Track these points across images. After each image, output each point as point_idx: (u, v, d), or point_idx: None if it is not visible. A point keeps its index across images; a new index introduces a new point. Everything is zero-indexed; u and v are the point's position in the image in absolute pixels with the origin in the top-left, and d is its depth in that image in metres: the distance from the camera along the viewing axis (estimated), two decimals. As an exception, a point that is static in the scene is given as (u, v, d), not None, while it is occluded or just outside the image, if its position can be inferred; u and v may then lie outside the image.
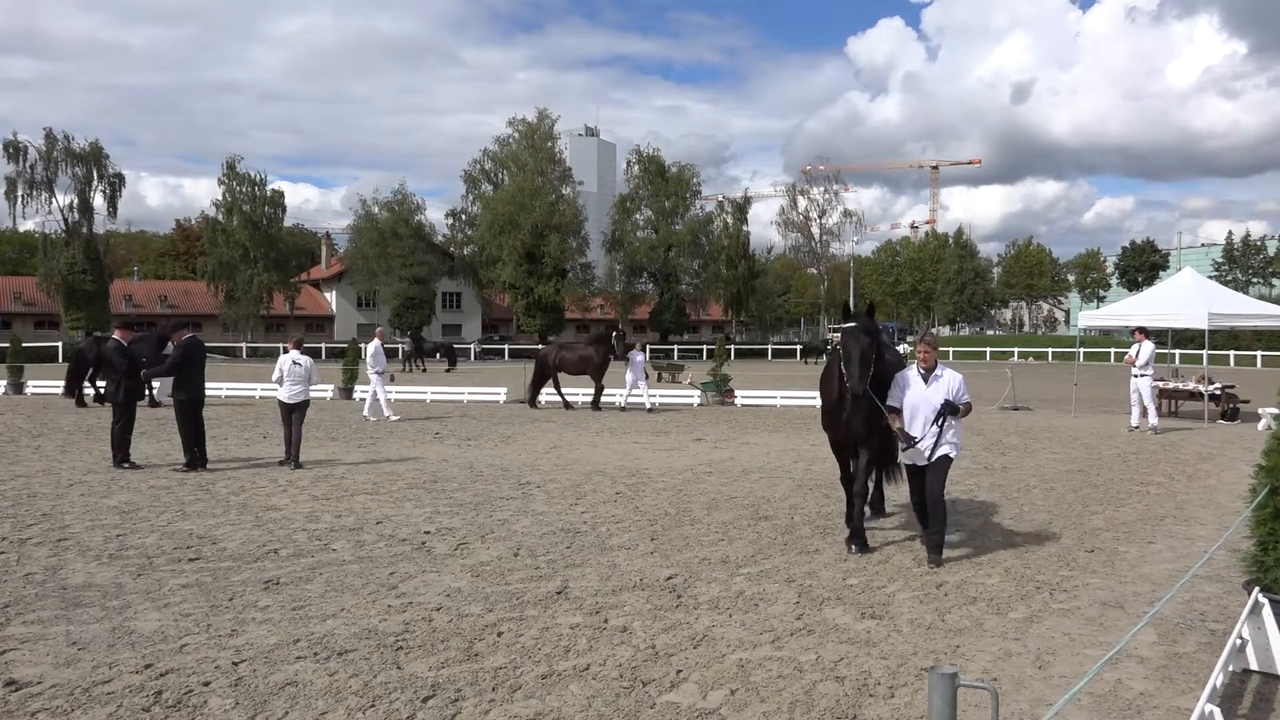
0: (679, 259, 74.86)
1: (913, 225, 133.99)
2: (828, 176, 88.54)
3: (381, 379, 19.98)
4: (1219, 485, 11.48)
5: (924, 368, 7.47)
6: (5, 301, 73.35)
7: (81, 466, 12.56)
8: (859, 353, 7.41)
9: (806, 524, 9.04)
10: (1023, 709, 4.58)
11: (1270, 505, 5.21)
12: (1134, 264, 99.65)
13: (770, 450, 14.88)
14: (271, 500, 10.16)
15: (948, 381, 7.41)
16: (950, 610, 6.23)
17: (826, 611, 6.20)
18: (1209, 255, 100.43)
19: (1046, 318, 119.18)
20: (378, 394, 19.82)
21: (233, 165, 68.41)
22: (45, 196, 62.18)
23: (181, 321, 15.44)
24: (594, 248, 76.21)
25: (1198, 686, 4.68)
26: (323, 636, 5.57)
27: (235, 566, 7.25)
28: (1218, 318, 19.94)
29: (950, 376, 7.45)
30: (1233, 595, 6.40)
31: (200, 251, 77.17)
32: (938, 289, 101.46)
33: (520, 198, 68.90)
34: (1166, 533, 8.77)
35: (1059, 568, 7.39)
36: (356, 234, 73.56)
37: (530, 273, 70.18)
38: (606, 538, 8.35)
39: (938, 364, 7.50)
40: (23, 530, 8.50)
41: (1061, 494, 10.82)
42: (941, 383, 7.41)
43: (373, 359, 20.24)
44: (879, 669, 5.12)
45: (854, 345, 7.44)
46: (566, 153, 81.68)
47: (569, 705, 4.59)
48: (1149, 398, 17.67)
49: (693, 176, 76.25)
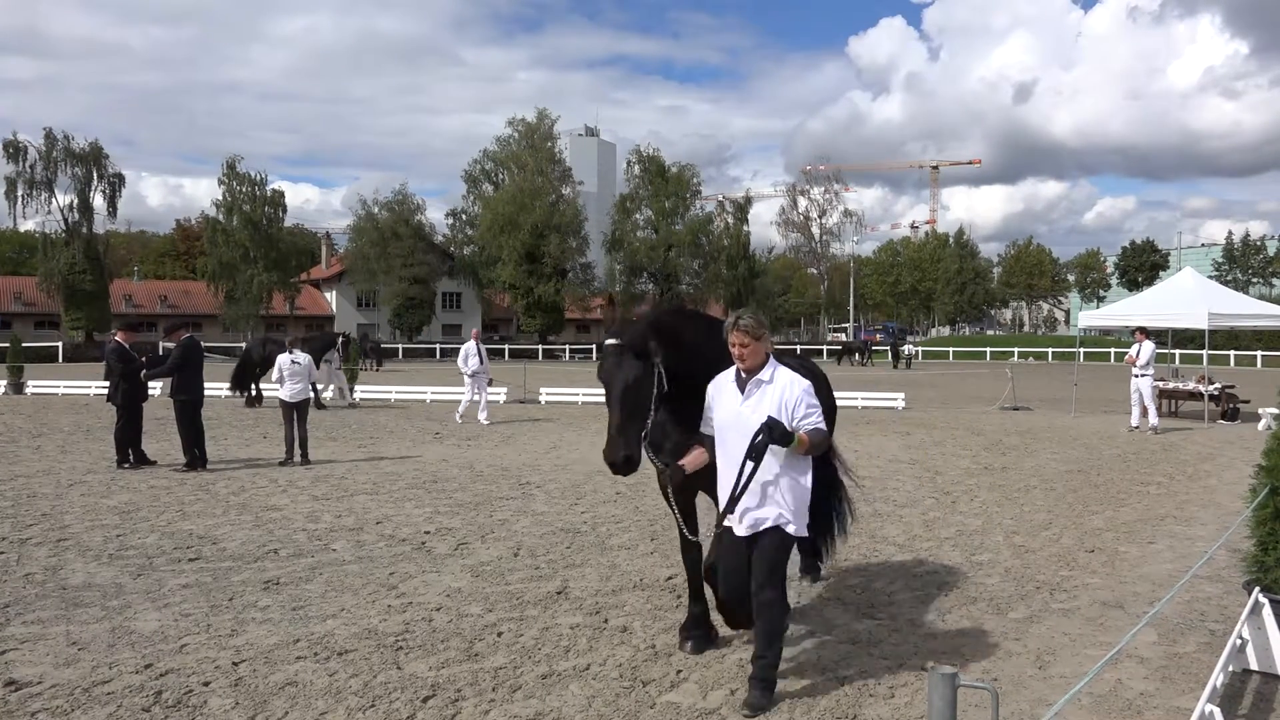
0: (679, 259, 74.87)
1: (913, 225, 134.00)
2: (828, 176, 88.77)
3: (476, 381, 18.87)
4: (1219, 485, 11.48)
5: (743, 369, 4.62)
6: (5, 301, 73.37)
7: (81, 466, 12.56)
8: (620, 390, 4.59)
9: (806, 524, 9.02)
10: (1023, 709, 4.58)
11: (1270, 505, 5.21)
12: (1134, 264, 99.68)
13: (770, 450, 14.86)
14: (271, 500, 10.16)
15: (780, 391, 4.52)
16: (950, 610, 6.23)
17: (826, 611, 6.19)
18: (1209, 255, 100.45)
19: (1046, 318, 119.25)
20: (474, 397, 18.90)
21: (233, 165, 68.46)
22: (45, 196, 62.18)
23: (181, 322, 15.45)
24: (594, 248, 76.22)
25: (1198, 687, 4.67)
26: (323, 636, 5.57)
27: (235, 566, 7.25)
28: (1218, 318, 19.95)
29: (786, 384, 4.56)
30: (1233, 595, 6.40)
31: (200, 251, 77.21)
32: (938, 289, 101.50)
33: (520, 198, 68.96)
34: (1167, 533, 8.77)
35: (1059, 568, 7.39)
36: (356, 234, 73.64)
37: (530, 273, 70.20)
38: (606, 538, 8.35)
39: (768, 363, 4.62)
40: (23, 530, 8.50)
41: (1061, 494, 10.82)
42: (768, 393, 4.53)
43: (464, 362, 19.08)
44: (879, 669, 5.12)
45: (613, 375, 4.64)
46: (566, 153, 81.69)
47: (569, 705, 4.59)
48: (1149, 398, 17.67)
49: (693, 176, 76.33)
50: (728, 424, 4.57)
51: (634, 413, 4.59)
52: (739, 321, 4.55)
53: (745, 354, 4.56)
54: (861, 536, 8.45)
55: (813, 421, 4.51)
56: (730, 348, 4.58)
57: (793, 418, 4.46)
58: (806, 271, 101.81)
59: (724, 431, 4.59)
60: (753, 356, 4.56)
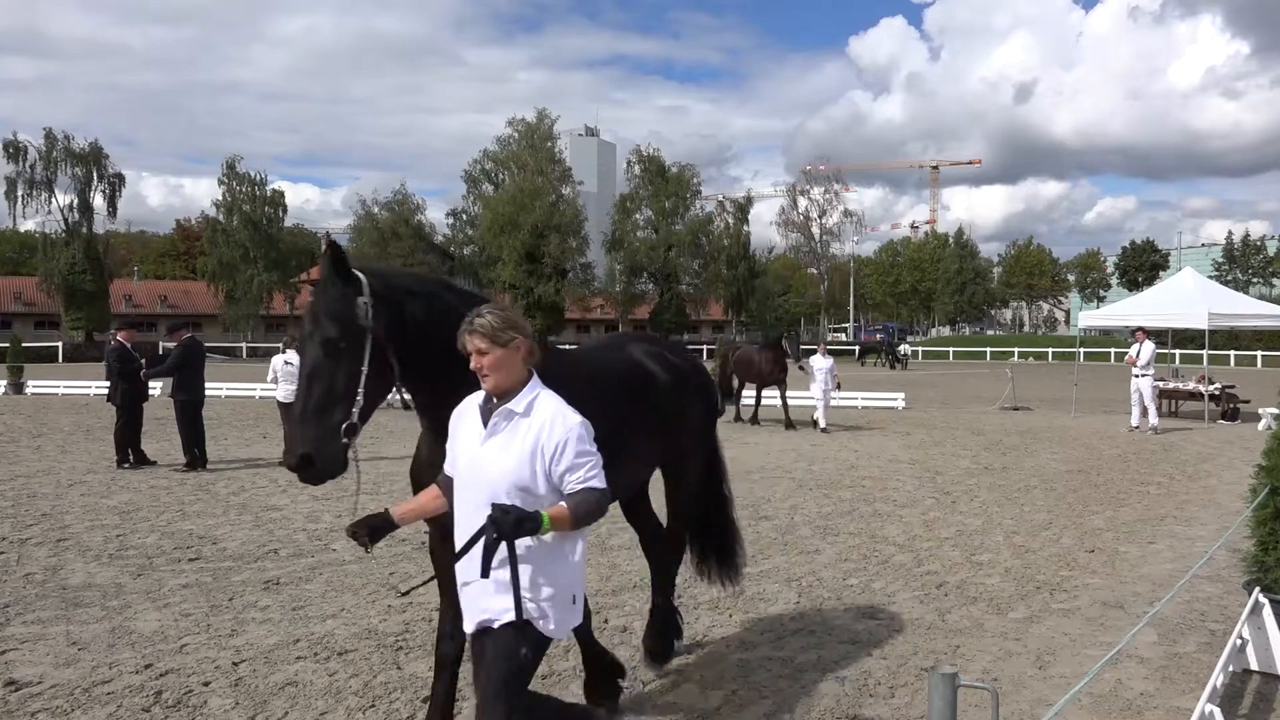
0: (679, 259, 74.84)
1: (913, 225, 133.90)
2: (828, 176, 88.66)
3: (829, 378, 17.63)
4: (1219, 485, 11.48)
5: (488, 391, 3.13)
6: (5, 301, 73.38)
7: (81, 466, 12.56)
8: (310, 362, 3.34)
9: (806, 524, 9.03)
10: (1023, 709, 4.58)
11: (1270, 505, 5.21)
12: (1134, 264, 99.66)
13: (770, 450, 14.87)
14: (271, 500, 10.16)
15: (536, 432, 3.03)
16: (950, 610, 6.23)
17: (826, 611, 6.19)
18: (1209, 255, 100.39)
19: (1046, 318, 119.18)
20: None
21: (233, 165, 68.53)
22: (45, 196, 62.23)
23: (182, 322, 15.45)
24: (594, 248, 76.18)
25: (1198, 687, 4.67)
26: (323, 636, 5.57)
27: (235, 566, 7.25)
28: (1218, 318, 19.96)
29: (547, 420, 3.04)
30: (1233, 595, 6.40)
31: (200, 251, 77.21)
32: (938, 289, 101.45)
33: (520, 198, 68.91)
34: (1167, 533, 8.77)
35: (1059, 568, 7.39)
36: (357, 234, 73.56)
37: (530, 273, 70.15)
38: (607, 538, 8.34)
39: (529, 385, 3.13)
40: (23, 530, 8.50)
41: (1061, 494, 10.81)
42: (520, 432, 3.06)
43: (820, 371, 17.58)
44: (879, 669, 5.12)
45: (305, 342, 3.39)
46: (566, 153, 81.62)
47: (569, 705, 4.58)
48: (1150, 398, 17.67)
49: (693, 176, 76.31)
50: (465, 471, 3.10)
51: (328, 397, 3.26)
52: (474, 320, 3.05)
53: (485, 367, 3.03)
54: (861, 537, 8.46)
55: (581, 479, 2.96)
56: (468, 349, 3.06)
57: (551, 473, 2.97)
58: (806, 271, 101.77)
59: (461, 479, 3.13)
60: (497, 372, 3.03)
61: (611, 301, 78.85)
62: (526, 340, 3.10)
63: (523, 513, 2.84)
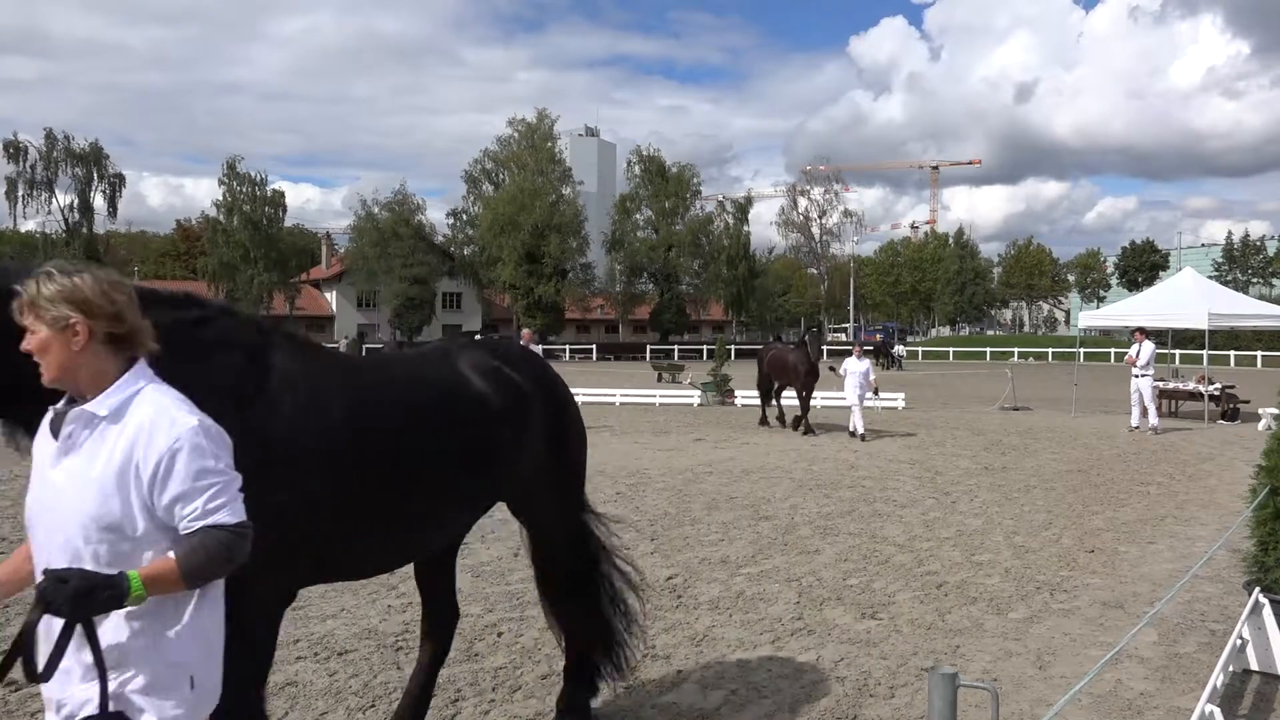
0: (679, 259, 74.85)
1: (913, 225, 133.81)
2: (828, 176, 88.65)
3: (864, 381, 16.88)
4: (1219, 485, 11.48)
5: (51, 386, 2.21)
6: (5, 302, 73.32)
7: (81, 466, 12.55)
8: None
9: (806, 524, 9.04)
10: (1023, 709, 4.58)
11: (1270, 505, 5.21)
12: (1134, 264, 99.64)
13: (770, 450, 14.88)
14: (271, 500, 10.15)
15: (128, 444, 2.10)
16: (950, 610, 6.23)
17: (826, 611, 6.19)
18: (1209, 255, 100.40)
19: (1046, 318, 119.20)
20: None
21: (233, 165, 68.49)
22: (45, 197, 62.40)
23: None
24: (594, 248, 76.21)
25: (1198, 686, 4.67)
26: (323, 636, 5.57)
27: (235, 566, 7.24)
28: (1218, 318, 19.97)
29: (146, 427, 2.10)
30: (1233, 595, 6.40)
31: (201, 251, 77.19)
32: (938, 289, 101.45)
33: (520, 198, 68.92)
34: (1167, 533, 8.77)
35: (1059, 568, 7.39)
36: (357, 234, 73.56)
37: (530, 273, 70.15)
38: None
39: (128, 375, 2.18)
40: (22, 531, 8.47)
41: (1061, 494, 10.82)
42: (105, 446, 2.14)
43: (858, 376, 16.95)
44: (879, 669, 5.12)
45: None
46: (567, 153, 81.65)
47: (569, 705, 4.57)
48: (1150, 398, 17.67)
49: (693, 176, 76.34)
50: (34, 506, 2.32)
51: None
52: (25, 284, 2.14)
53: (35, 348, 2.13)
54: (861, 537, 8.46)
55: (199, 512, 2.08)
56: None
57: (154, 503, 2.09)
58: (807, 272, 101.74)
59: (32, 519, 2.33)
60: (46, 359, 2.14)
61: (612, 302, 78.89)
62: (99, 322, 2.11)
63: (92, 579, 1.97)
